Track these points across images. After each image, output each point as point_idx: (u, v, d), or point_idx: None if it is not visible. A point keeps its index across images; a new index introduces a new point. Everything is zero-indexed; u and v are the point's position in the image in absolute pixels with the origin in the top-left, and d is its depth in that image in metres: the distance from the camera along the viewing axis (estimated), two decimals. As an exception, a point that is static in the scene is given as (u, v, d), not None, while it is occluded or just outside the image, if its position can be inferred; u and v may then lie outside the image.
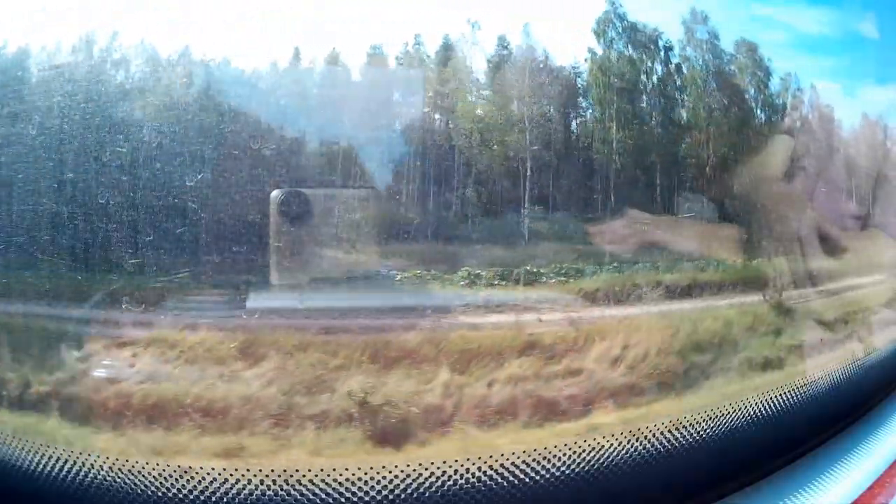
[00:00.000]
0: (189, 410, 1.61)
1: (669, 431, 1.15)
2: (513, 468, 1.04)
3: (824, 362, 2.11)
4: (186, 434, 1.56)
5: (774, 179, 2.78)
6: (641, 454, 1.12)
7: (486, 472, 1.03)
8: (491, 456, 1.05)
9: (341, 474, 1.00)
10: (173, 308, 1.88)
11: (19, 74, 2.02)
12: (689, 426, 1.18)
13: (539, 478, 1.04)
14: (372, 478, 1.01)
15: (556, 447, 1.08)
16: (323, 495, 0.99)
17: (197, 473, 0.99)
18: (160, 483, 0.99)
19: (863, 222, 3.02)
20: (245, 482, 0.99)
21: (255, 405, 1.64)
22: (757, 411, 1.29)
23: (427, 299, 2.32)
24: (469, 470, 1.02)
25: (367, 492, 1.00)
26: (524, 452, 1.06)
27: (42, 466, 1.03)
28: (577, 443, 1.09)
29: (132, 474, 1.01)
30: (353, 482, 1.00)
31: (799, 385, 1.40)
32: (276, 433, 1.59)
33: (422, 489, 1.01)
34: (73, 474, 1.01)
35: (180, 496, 0.98)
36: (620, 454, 1.10)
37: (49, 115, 1.93)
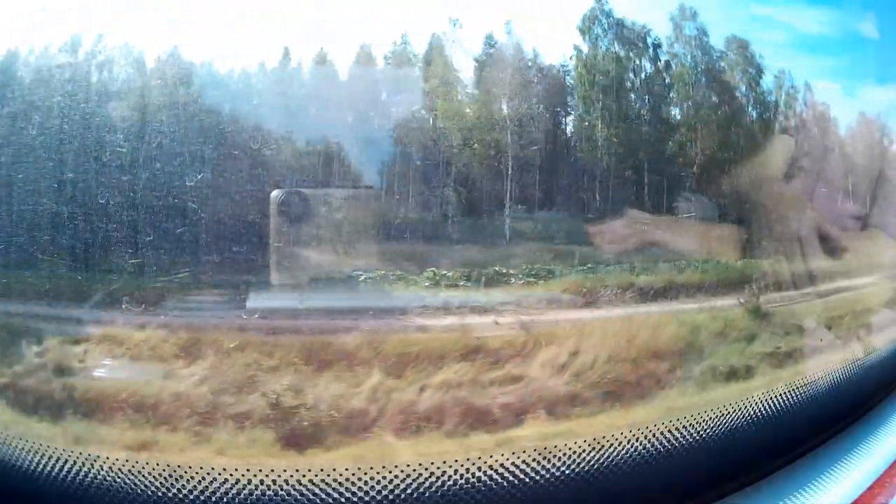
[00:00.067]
0: (121, 404, 1.63)
1: (669, 431, 1.15)
2: (513, 468, 1.04)
3: (823, 362, 2.08)
4: (109, 426, 1.59)
5: (766, 179, 2.77)
6: (641, 454, 1.12)
7: (486, 472, 1.03)
8: (491, 456, 1.05)
9: (341, 474, 1.00)
10: (146, 308, 1.91)
11: (19, 74, 2.02)
12: (689, 426, 1.18)
13: (539, 478, 1.05)
14: (372, 478, 1.01)
15: (556, 447, 1.08)
16: (323, 495, 0.99)
17: (197, 473, 0.99)
18: (160, 483, 0.99)
19: (858, 223, 2.98)
20: (245, 482, 0.99)
21: (182, 402, 1.65)
22: (757, 411, 1.30)
23: (383, 300, 2.26)
24: (469, 470, 1.02)
25: (367, 492, 1.00)
26: (524, 452, 1.06)
27: (42, 466, 1.03)
28: (577, 443, 1.09)
29: (132, 474, 1.01)
30: (353, 482, 1.00)
31: (799, 385, 1.40)
32: (193, 430, 1.60)
33: (422, 489, 1.01)
34: (73, 474, 1.02)
35: (180, 496, 0.98)
36: (620, 454, 1.10)
37: (49, 115, 1.93)
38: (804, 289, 2.56)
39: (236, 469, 1.00)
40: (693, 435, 1.17)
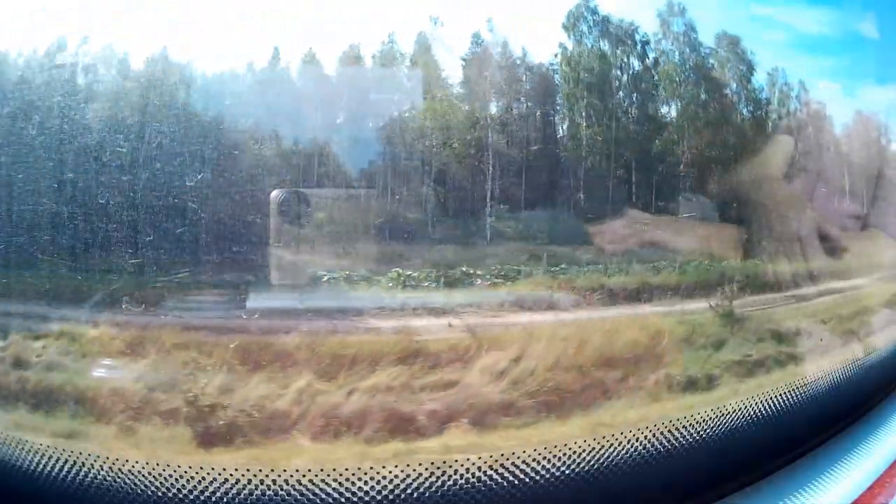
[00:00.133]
0: (62, 397, 1.68)
1: (669, 431, 1.15)
2: (513, 468, 1.04)
3: (815, 366, 2.03)
4: (42, 414, 1.64)
5: (760, 179, 2.73)
6: (641, 454, 1.12)
7: (487, 472, 1.03)
8: (491, 456, 1.05)
9: (341, 474, 1.01)
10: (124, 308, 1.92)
11: (19, 74, 2.02)
12: (689, 426, 1.18)
13: (539, 478, 1.05)
14: (372, 478, 1.01)
15: (556, 447, 1.08)
16: (323, 495, 0.99)
17: (197, 473, 0.99)
18: (160, 483, 0.99)
19: (858, 223, 2.95)
20: (245, 482, 0.99)
21: (116, 397, 1.66)
22: (757, 411, 1.30)
23: (340, 301, 2.22)
24: (469, 470, 1.02)
25: (367, 492, 1.00)
26: (524, 452, 1.06)
27: (42, 466, 1.03)
28: (577, 443, 1.09)
29: (132, 474, 1.01)
30: (353, 482, 1.00)
31: (799, 385, 1.40)
32: (120, 423, 1.61)
33: (422, 489, 1.01)
34: (73, 474, 1.02)
35: (180, 496, 0.98)
36: (620, 454, 1.10)
37: (49, 115, 1.93)
38: (787, 291, 2.45)
39: (236, 469, 1.00)
40: (693, 435, 1.17)
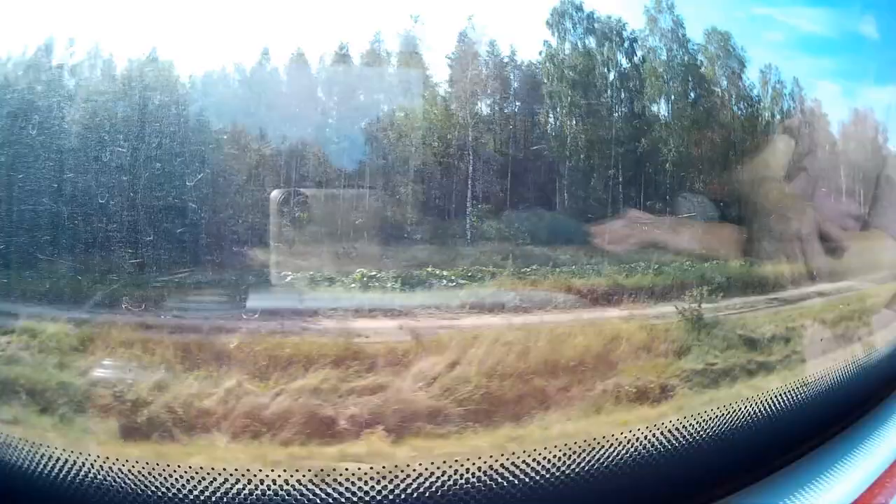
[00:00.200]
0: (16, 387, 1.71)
1: (669, 431, 1.15)
2: (513, 468, 1.04)
3: (820, 363, 2.00)
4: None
5: (755, 179, 2.70)
6: (641, 454, 1.12)
7: (487, 473, 1.03)
8: (491, 456, 1.05)
9: (341, 474, 1.01)
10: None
11: (20, 74, 2.02)
12: (689, 426, 1.18)
13: (539, 478, 1.05)
14: (372, 478, 1.01)
15: (557, 447, 1.08)
16: (323, 495, 0.99)
17: (197, 473, 0.99)
18: (160, 483, 0.99)
19: (857, 223, 2.92)
20: (245, 482, 0.99)
21: (56, 390, 1.69)
22: (757, 411, 1.30)
23: (294, 302, 2.19)
24: (469, 470, 1.02)
25: (367, 492, 1.00)
26: (524, 452, 1.06)
27: (42, 466, 1.03)
28: (577, 443, 1.09)
29: (132, 474, 1.01)
30: (353, 482, 1.00)
31: (799, 385, 1.40)
32: (53, 412, 1.65)
33: (422, 489, 1.01)
34: (73, 474, 1.02)
35: (180, 496, 0.98)
36: (620, 454, 1.10)
37: (49, 115, 1.93)
38: (772, 293, 2.36)
39: (236, 469, 1.00)
40: (693, 435, 1.17)
